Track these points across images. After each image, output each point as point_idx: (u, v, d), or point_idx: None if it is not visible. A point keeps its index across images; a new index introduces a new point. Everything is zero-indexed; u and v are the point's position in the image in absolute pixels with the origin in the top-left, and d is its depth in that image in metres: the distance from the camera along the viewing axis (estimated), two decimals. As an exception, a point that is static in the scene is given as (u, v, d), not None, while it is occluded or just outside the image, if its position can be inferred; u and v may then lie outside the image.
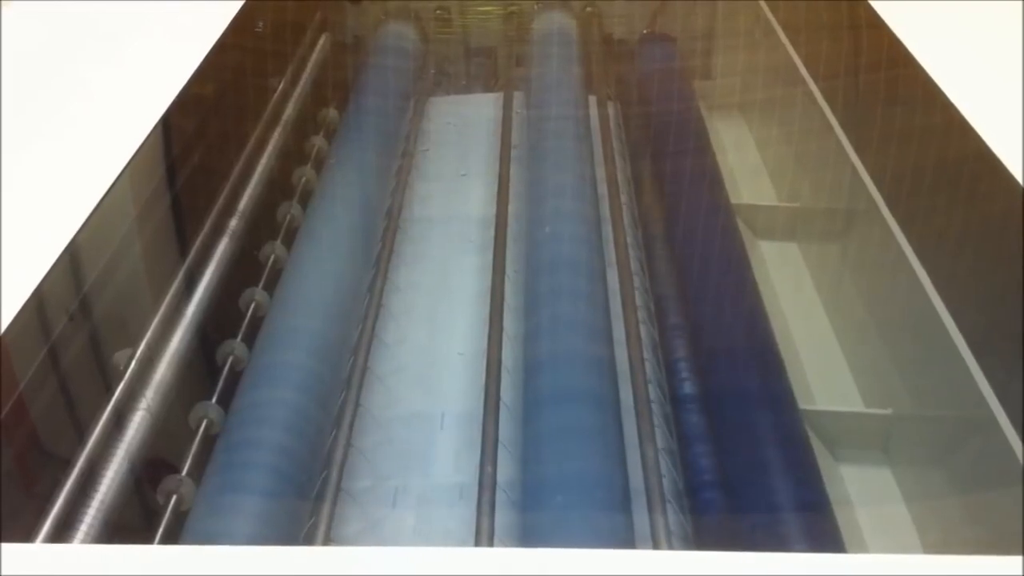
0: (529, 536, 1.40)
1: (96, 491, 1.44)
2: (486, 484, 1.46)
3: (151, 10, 2.04)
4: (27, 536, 1.31)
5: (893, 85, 2.01)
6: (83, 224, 1.46)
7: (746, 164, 2.59)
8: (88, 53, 1.91)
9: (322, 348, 1.73)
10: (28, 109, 1.69)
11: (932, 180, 1.82)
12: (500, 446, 1.52)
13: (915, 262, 1.76)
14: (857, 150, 2.10)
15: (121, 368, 1.60)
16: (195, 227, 1.97)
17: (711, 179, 2.19)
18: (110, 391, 1.56)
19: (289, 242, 2.05)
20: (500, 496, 1.44)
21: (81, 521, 1.39)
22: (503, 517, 1.43)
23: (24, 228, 1.40)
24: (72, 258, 1.50)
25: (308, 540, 1.44)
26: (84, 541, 1.34)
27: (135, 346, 1.65)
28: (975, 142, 1.62)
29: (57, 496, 1.38)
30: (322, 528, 1.45)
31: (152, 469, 1.55)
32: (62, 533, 1.36)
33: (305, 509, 1.49)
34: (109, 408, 1.53)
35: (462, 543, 1.44)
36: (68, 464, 1.44)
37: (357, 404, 1.68)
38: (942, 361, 1.62)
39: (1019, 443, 1.38)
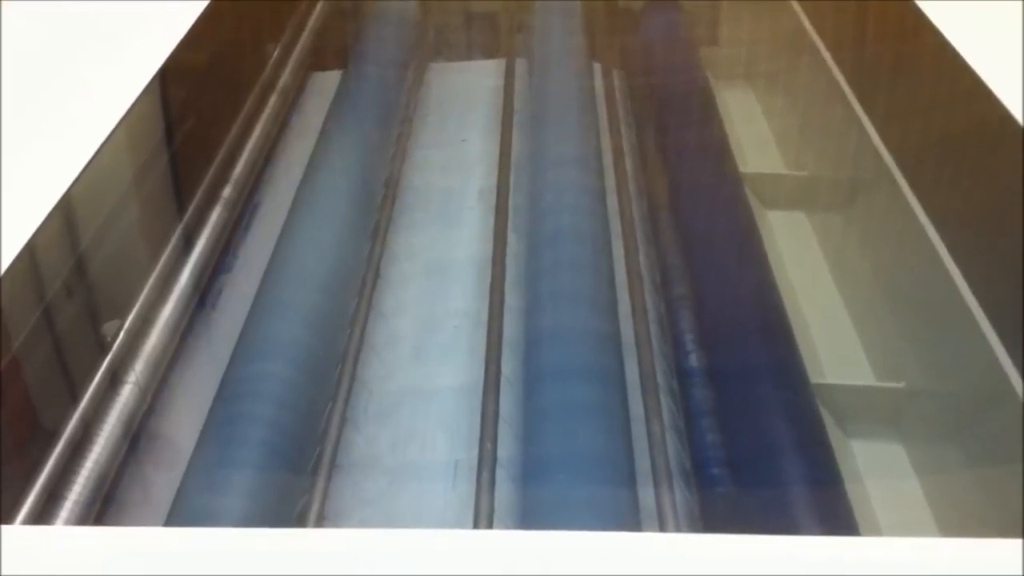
0: (530, 514, 1.35)
1: (82, 467, 1.39)
2: (485, 461, 1.42)
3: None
4: (9, 517, 1.26)
5: (908, 49, 1.95)
6: (65, 193, 1.42)
7: (753, 133, 2.53)
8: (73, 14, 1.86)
9: (316, 320, 1.67)
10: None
11: (948, 146, 1.76)
12: (500, 421, 1.47)
13: (930, 230, 1.70)
14: (869, 116, 2.04)
15: (109, 340, 1.55)
16: (187, 196, 1.91)
17: (719, 148, 2.14)
18: (98, 363, 1.51)
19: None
20: (500, 473, 1.40)
21: (66, 499, 1.34)
22: (504, 494, 1.39)
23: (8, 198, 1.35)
24: (60, 226, 1.45)
25: (301, 517, 1.40)
26: (69, 522, 1.29)
27: (124, 317, 1.60)
28: (994, 107, 1.57)
29: (39, 474, 1.33)
30: (315, 505, 1.40)
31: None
32: (46, 513, 1.31)
33: (299, 485, 1.44)
34: (96, 380, 1.49)
35: (460, 521, 1.40)
36: (53, 438, 1.39)
37: (353, 377, 1.63)
38: (958, 332, 1.57)
39: (1039, 417, 1.33)
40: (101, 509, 1.37)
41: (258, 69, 2.41)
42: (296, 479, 1.43)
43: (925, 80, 1.91)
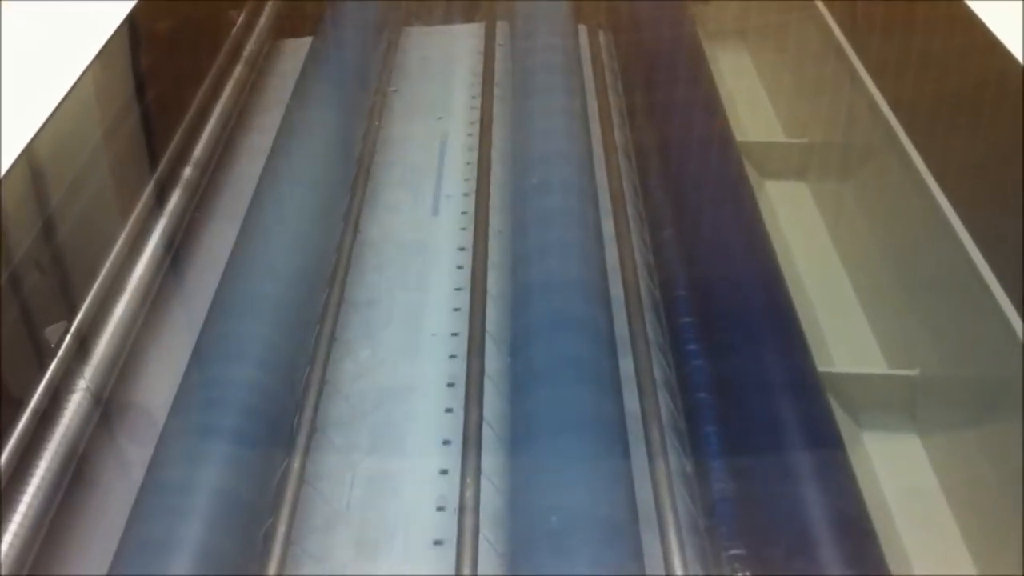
0: (515, 474, 1.27)
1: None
2: (471, 425, 1.33)
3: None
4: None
5: (915, 5, 1.81)
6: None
7: (748, 96, 2.39)
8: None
9: (292, 278, 1.57)
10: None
11: (961, 108, 1.63)
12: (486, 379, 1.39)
13: (943, 202, 1.58)
14: (874, 76, 1.90)
15: (53, 346, 1.42)
16: (145, 177, 1.77)
17: (713, 114, 2.00)
18: (43, 367, 1.38)
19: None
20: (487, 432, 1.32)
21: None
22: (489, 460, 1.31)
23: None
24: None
25: (282, 482, 1.30)
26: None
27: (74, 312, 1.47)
28: (1010, 64, 1.44)
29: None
30: (296, 468, 1.31)
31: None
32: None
33: (279, 449, 1.35)
34: (42, 386, 1.36)
35: (442, 492, 1.30)
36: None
37: (332, 337, 1.54)
38: (976, 314, 1.45)
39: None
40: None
41: (222, 37, 2.26)
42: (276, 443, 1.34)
43: (932, 34, 1.77)
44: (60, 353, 1.41)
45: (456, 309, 1.60)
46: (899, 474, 1.51)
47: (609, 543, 1.15)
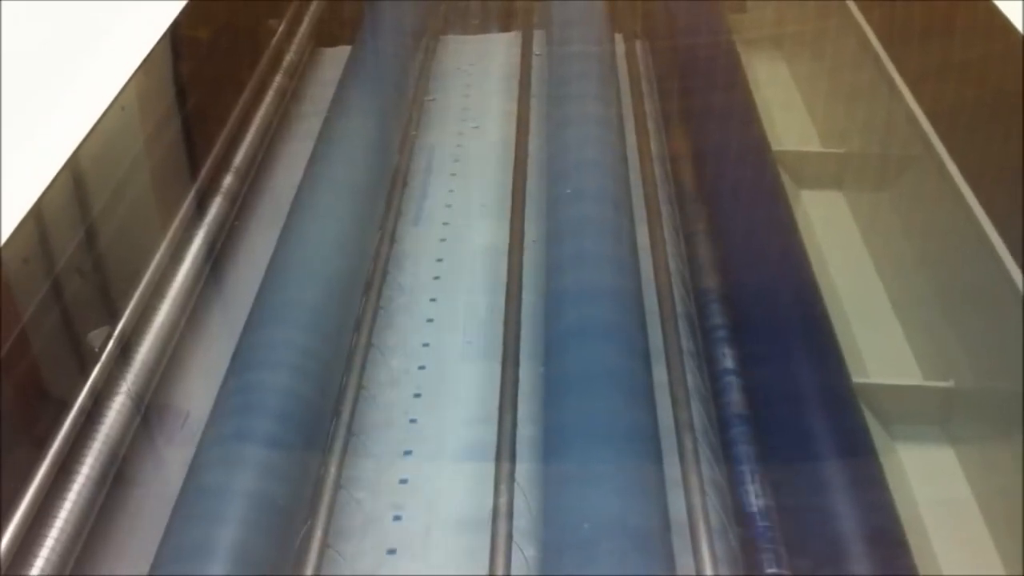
0: (548, 483, 1.28)
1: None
2: (505, 434, 1.35)
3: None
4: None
5: (952, 13, 1.81)
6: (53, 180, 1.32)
7: (784, 105, 2.39)
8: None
9: (330, 285, 1.61)
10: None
11: (998, 118, 1.62)
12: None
13: (980, 213, 1.57)
14: (911, 86, 1.90)
15: (96, 349, 1.45)
16: (187, 184, 1.80)
17: (749, 123, 2.00)
18: (86, 372, 1.41)
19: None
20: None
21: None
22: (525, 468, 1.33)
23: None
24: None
25: (319, 488, 1.32)
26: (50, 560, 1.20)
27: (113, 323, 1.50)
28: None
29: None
30: (332, 473, 1.34)
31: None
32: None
33: (315, 455, 1.37)
34: (85, 390, 1.38)
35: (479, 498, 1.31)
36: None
37: (369, 344, 1.57)
38: (1011, 326, 1.44)
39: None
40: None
41: (262, 46, 2.29)
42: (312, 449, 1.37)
43: (969, 44, 1.77)
44: (103, 357, 1.43)
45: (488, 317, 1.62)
46: (933, 485, 1.51)
47: (641, 552, 1.15)
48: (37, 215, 1.32)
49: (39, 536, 1.23)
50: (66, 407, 1.35)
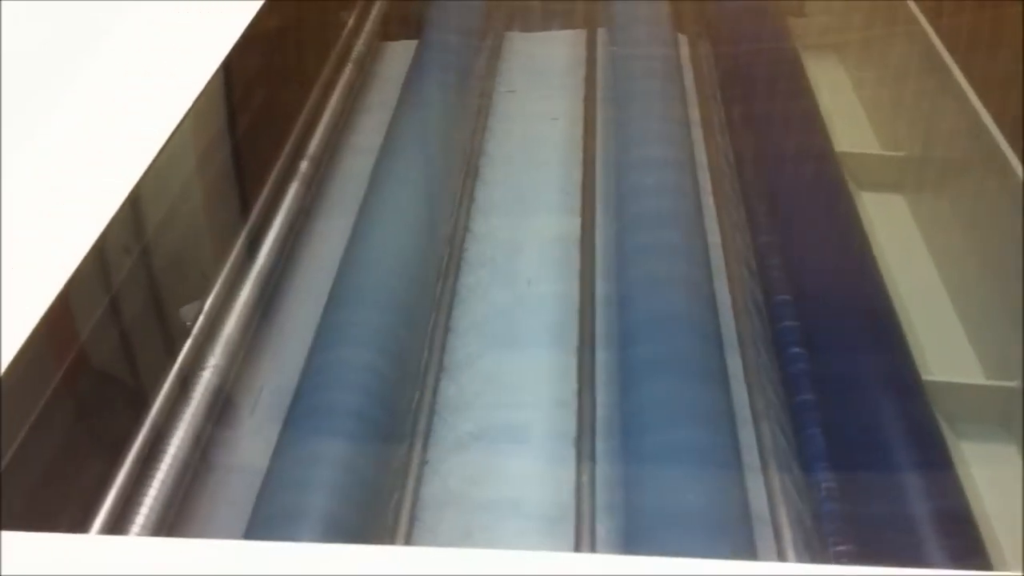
0: (627, 468, 1.31)
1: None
2: (585, 422, 1.37)
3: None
4: (81, 525, 1.20)
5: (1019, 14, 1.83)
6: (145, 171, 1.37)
7: (842, 108, 2.41)
8: None
9: (407, 269, 1.65)
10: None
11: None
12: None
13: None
14: (976, 89, 1.92)
15: (188, 323, 1.50)
16: (265, 171, 1.86)
17: (813, 125, 2.03)
18: (179, 346, 1.46)
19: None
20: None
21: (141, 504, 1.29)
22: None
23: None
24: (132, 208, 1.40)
25: (404, 466, 1.36)
26: (144, 527, 1.24)
27: (203, 298, 1.55)
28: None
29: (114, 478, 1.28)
30: (416, 451, 1.37)
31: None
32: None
33: (398, 432, 1.42)
34: (179, 362, 1.44)
35: (559, 483, 1.34)
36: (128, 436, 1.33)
37: (447, 328, 1.60)
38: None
39: None
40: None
41: (330, 39, 2.35)
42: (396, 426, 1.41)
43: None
44: (194, 332, 1.48)
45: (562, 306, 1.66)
46: (996, 486, 1.53)
47: (722, 536, 1.19)
48: (134, 198, 1.37)
49: (138, 495, 1.28)
50: (161, 379, 1.41)
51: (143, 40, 1.62)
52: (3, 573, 0.80)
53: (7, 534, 0.84)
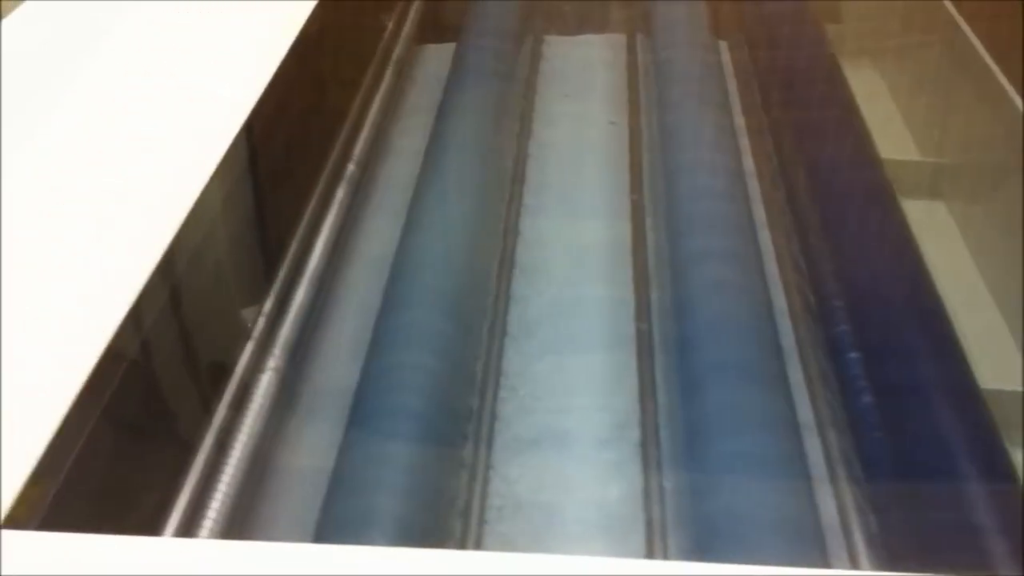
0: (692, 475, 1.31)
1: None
2: (649, 427, 1.38)
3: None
4: (152, 528, 1.21)
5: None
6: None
7: (880, 115, 2.42)
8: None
9: (459, 272, 1.67)
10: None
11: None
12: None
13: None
14: (1022, 94, 1.92)
15: (250, 326, 1.51)
16: (313, 175, 1.86)
17: (856, 131, 2.03)
18: (236, 352, 1.47)
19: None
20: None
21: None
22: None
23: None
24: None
25: (471, 470, 1.38)
26: (213, 531, 1.25)
27: (261, 303, 1.56)
28: None
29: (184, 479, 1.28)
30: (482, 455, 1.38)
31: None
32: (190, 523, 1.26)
33: (461, 436, 1.42)
34: (241, 368, 1.44)
35: (627, 489, 1.34)
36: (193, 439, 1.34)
37: (504, 331, 1.61)
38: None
39: None
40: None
41: (372, 42, 2.36)
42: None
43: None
44: (255, 334, 1.49)
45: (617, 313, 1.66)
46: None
47: (792, 545, 1.19)
48: (201, 203, 1.39)
49: (207, 498, 1.28)
50: (224, 381, 1.42)
51: (207, 42, 1.64)
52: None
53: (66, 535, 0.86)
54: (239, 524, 1.31)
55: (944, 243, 2.03)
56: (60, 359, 1.09)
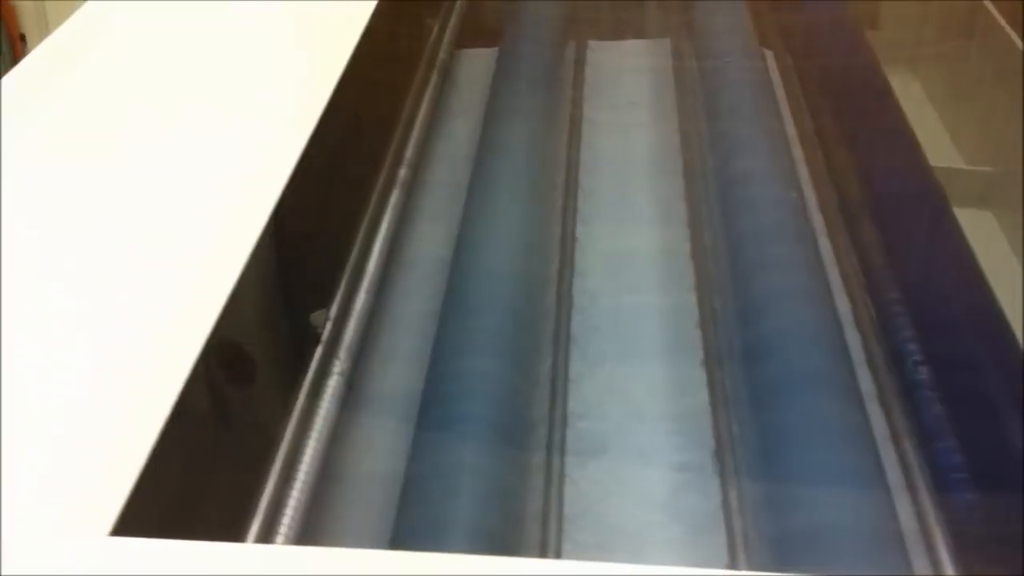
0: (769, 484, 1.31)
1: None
2: (723, 436, 1.38)
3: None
4: (232, 533, 1.21)
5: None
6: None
7: (923, 124, 2.42)
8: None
9: (519, 277, 1.67)
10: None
11: None
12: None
13: None
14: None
15: (319, 330, 1.51)
16: (369, 179, 1.87)
17: (907, 139, 2.04)
18: (309, 357, 1.47)
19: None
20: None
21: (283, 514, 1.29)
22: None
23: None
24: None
25: (544, 477, 1.37)
26: (288, 535, 1.24)
27: (327, 307, 1.56)
28: None
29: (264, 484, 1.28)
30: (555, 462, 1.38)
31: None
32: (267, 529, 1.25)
33: (533, 442, 1.42)
34: (310, 374, 1.44)
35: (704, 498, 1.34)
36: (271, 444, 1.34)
37: (569, 337, 1.61)
38: None
39: None
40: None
41: (416, 47, 2.36)
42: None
43: None
44: (324, 337, 1.49)
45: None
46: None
47: (875, 557, 1.19)
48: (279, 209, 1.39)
49: (283, 500, 1.28)
50: (296, 387, 1.42)
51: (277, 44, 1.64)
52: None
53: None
54: (313, 530, 1.31)
55: (993, 253, 2.03)
56: (157, 365, 1.10)
